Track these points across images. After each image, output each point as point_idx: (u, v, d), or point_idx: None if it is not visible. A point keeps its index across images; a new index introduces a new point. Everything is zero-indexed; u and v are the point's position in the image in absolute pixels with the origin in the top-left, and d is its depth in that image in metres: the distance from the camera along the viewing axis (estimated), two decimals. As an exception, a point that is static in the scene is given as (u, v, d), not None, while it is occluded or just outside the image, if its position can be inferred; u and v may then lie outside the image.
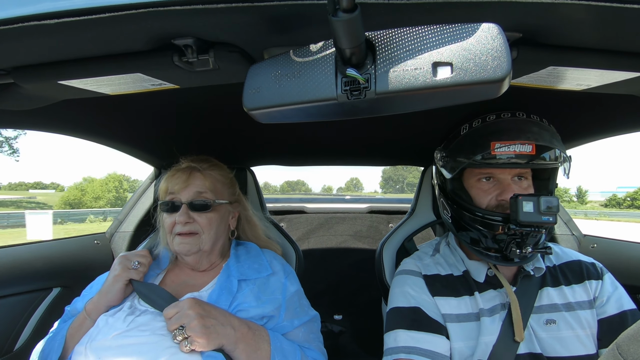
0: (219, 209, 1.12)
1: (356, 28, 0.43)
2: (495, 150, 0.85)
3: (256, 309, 0.99)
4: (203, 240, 1.07)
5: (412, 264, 1.07)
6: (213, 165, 1.18)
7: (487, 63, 0.47)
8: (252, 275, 1.07)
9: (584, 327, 0.89)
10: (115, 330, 0.89)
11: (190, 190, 1.08)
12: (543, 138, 0.85)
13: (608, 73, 0.67)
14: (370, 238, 2.73)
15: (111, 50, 0.64)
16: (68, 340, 0.96)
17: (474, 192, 0.94)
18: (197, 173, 1.12)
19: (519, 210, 0.82)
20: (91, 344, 0.88)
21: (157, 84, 0.75)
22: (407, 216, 1.53)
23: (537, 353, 0.87)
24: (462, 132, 0.95)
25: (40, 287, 1.36)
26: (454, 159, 0.94)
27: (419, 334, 0.90)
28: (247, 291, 1.03)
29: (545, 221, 0.81)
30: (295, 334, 1.03)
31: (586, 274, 0.96)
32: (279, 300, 1.05)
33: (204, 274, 1.12)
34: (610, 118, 1.12)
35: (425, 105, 0.55)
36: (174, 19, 0.53)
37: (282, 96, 0.55)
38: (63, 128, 1.22)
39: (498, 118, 0.91)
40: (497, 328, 0.89)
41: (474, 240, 0.93)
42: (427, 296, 0.97)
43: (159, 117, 1.22)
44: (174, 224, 1.06)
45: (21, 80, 0.71)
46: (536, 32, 0.58)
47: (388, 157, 1.86)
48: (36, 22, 0.51)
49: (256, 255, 1.17)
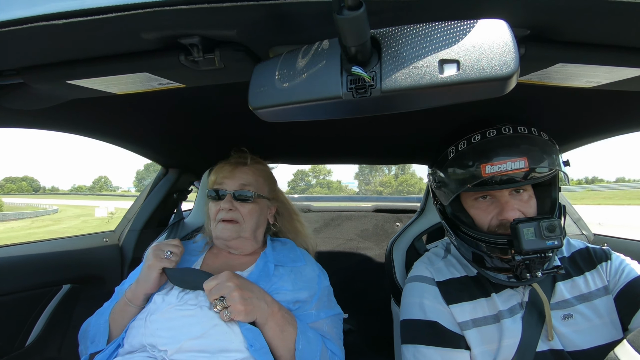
0: (259, 202, 1.21)
1: (361, 26, 0.43)
2: (486, 172, 0.81)
3: (292, 293, 1.06)
4: (244, 228, 1.15)
5: (424, 269, 1.04)
6: (257, 161, 1.29)
7: (495, 60, 0.46)
8: (288, 263, 1.15)
9: (601, 316, 0.87)
10: (169, 304, 0.98)
11: (236, 181, 1.18)
12: (533, 155, 0.82)
13: (618, 70, 0.66)
14: (376, 237, 2.73)
15: (119, 50, 0.65)
16: (112, 324, 1.04)
17: (473, 212, 0.91)
18: (244, 167, 1.22)
19: (521, 238, 0.78)
20: (150, 317, 0.97)
21: (163, 83, 0.76)
22: (417, 215, 1.52)
23: (558, 349, 0.85)
24: (450, 156, 0.90)
25: (50, 284, 1.38)
26: (446, 186, 0.91)
27: (439, 350, 0.89)
28: (285, 276, 1.10)
29: (551, 245, 0.78)
30: (320, 325, 1.07)
31: (596, 258, 0.94)
32: (315, 288, 1.11)
33: (243, 258, 1.19)
34: (621, 116, 1.10)
35: (431, 103, 0.55)
36: (180, 18, 0.53)
37: (288, 95, 0.55)
38: (71, 127, 1.23)
39: (483, 138, 0.86)
40: (519, 329, 0.87)
41: (480, 261, 0.91)
42: (442, 306, 0.95)
43: (165, 116, 1.23)
44: (219, 210, 1.15)
45: (30, 80, 0.72)
46: (545, 28, 0.57)
47: (394, 155, 1.85)
48: (45, 22, 0.52)
49: (291, 248, 1.25)
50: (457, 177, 0.87)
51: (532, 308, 0.89)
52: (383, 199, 3.19)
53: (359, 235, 2.75)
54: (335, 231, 2.76)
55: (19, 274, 1.31)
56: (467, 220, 0.93)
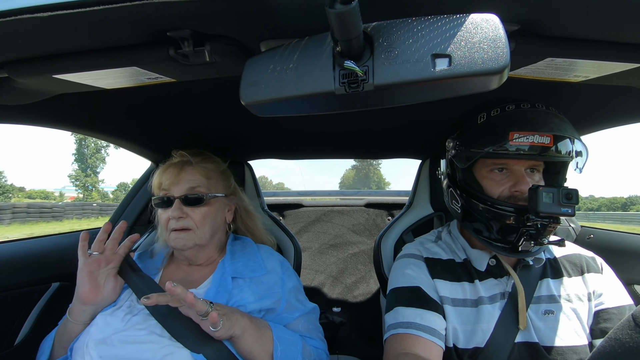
0: (213, 203, 1.11)
1: (354, 20, 0.43)
2: (513, 140, 0.83)
3: (254, 304, 0.99)
4: (198, 235, 1.05)
5: (414, 248, 1.08)
6: (206, 158, 1.16)
7: (486, 54, 0.47)
8: (246, 274, 1.06)
9: (580, 319, 0.90)
10: (114, 330, 0.89)
11: (183, 184, 1.07)
12: (565, 129, 0.84)
13: (606, 64, 0.67)
14: (368, 231, 2.75)
15: (106, 43, 0.63)
16: (56, 341, 0.96)
17: (485, 182, 0.93)
18: (189, 167, 1.10)
19: (539, 201, 0.80)
20: (90, 343, 0.88)
21: (153, 77, 0.75)
22: (405, 209, 1.53)
23: (533, 342, 0.88)
24: (480, 121, 0.92)
25: (39, 282, 1.36)
26: (468, 149, 0.92)
27: (417, 310, 0.91)
28: (245, 288, 1.02)
29: (565, 212, 0.80)
30: (295, 325, 1.04)
31: (586, 267, 0.97)
32: (279, 293, 1.05)
33: (201, 269, 1.11)
34: (608, 110, 1.12)
35: (423, 98, 0.55)
36: (168, 10, 0.52)
37: (280, 89, 0.55)
38: (59, 122, 1.21)
39: (517, 108, 0.88)
40: (496, 316, 0.90)
41: (481, 230, 0.93)
42: (426, 277, 0.98)
43: (155, 111, 1.21)
44: (169, 219, 1.05)
45: (15, 74, 0.71)
46: (534, 23, 0.57)
47: (385, 150, 1.86)
48: (29, 15, 0.50)
49: (252, 252, 1.15)
50: (483, 140, 0.89)
51: (513, 299, 0.92)
52: (375, 193, 3.22)
53: (351, 229, 2.76)
54: (327, 226, 2.78)
55: (6, 271, 1.29)
56: (477, 188, 0.95)
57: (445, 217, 1.51)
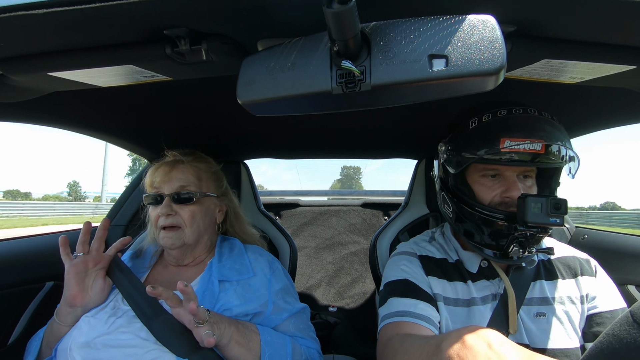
0: (203, 202, 1.11)
1: (351, 19, 0.43)
2: (504, 147, 0.82)
3: (240, 307, 0.98)
4: (186, 234, 1.06)
5: (408, 246, 1.09)
6: (198, 157, 1.17)
7: (483, 55, 0.47)
8: (233, 277, 1.05)
9: (572, 322, 0.90)
10: (98, 333, 0.88)
11: (174, 182, 1.08)
12: (555, 137, 0.83)
13: (601, 66, 0.67)
14: (364, 231, 2.75)
15: (102, 41, 0.63)
16: (44, 342, 0.95)
17: (477, 187, 0.93)
18: (181, 166, 1.11)
19: (527, 210, 0.80)
20: (73, 346, 0.87)
21: (149, 76, 0.74)
22: (401, 209, 1.53)
23: (523, 344, 0.87)
24: (471, 126, 0.91)
25: (33, 281, 1.35)
26: (459, 154, 0.91)
27: (411, 300, 0.91)
28: (230, 291, 1.01)
29: (553, 222, 0.80)
30: (285, 326, 1.04)
31: (580, 270, 0.97)
32: (265, 295, 1.04)
33: (188, 270, 1.11)
34: (603, 111, 1.13)
35: (420, 98, 0.55)
36: (164, 8, 0.52)
37: (277, 88, 0.55)
38: (54, 121, 1.20)
39: (509, 113, 0.87)
40: (487, 317, 0.90)
41: (472, 234, 0.93)
42: (420, 273, 0.98)
43: (151, 109, 1.21)
44: (159, 217, 1.05)
45: (10, 72, 0.70)
46: (530, 24, 0.58)
47: (381, 150, 1.86)
48: (24, 12, 0.50)
49: (239, 254, 1.15)
50: (474, 145, 0.88)
51: (504, 301, 0.92)
52: (371, 193, 3.22)
53: (347, 229, 2.77)
54: (323, 226, 2.78)
55: (0, 271, 1.27)
56: (468, 193, 0.95)
57: (440, 218, 1.51)
